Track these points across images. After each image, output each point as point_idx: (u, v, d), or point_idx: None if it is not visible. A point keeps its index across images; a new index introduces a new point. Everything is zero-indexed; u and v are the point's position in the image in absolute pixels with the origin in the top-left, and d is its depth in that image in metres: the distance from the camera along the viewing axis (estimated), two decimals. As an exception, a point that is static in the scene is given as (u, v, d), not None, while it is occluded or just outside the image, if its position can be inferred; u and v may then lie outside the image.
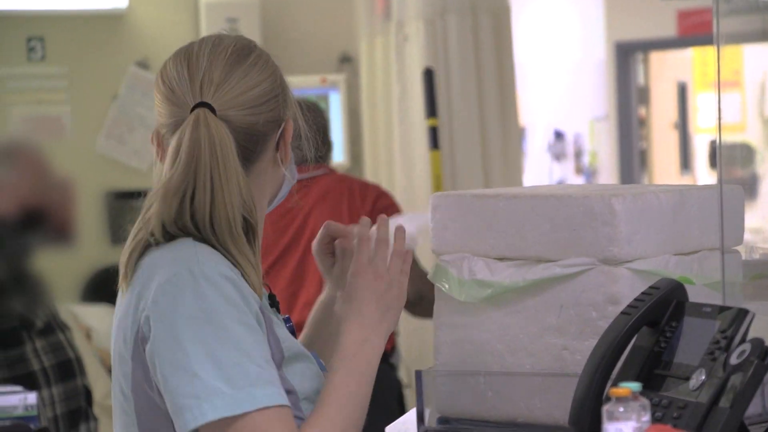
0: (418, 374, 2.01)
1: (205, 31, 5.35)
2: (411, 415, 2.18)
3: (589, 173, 9.29)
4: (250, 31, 5.51)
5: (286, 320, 1.90)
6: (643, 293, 1.81)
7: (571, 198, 1.91)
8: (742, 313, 1.71)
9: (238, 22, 5.56)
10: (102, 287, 5.55)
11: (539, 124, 8.83)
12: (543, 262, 1.94)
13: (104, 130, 5.80)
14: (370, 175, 5.41)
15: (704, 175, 10.46)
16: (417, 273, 4.28)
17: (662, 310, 1.79)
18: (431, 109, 4.91)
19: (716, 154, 2.02)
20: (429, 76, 4.90)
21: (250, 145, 1.81)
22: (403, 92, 5.20)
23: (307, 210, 3.97)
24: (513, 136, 5.27)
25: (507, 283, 1.94)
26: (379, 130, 5.54)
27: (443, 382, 2.00)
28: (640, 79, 9.53)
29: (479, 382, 1.97)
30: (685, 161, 10.30)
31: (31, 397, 3.38)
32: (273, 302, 1.86)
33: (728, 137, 10.65)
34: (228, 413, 1.64)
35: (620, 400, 1.52)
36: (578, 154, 9.33)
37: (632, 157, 9.06)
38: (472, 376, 1.98)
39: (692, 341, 1.75)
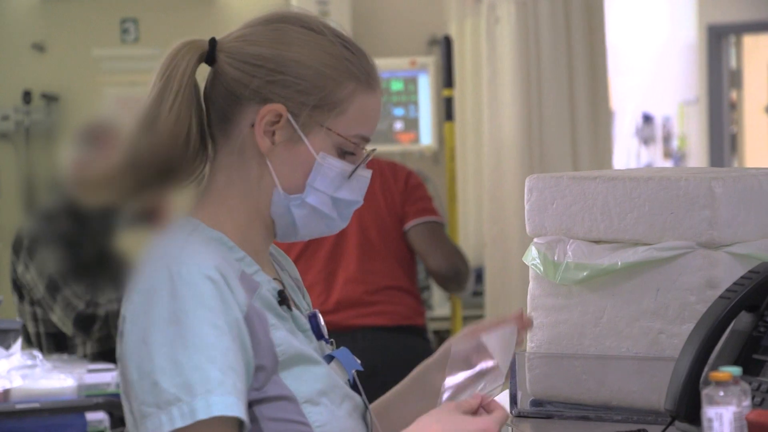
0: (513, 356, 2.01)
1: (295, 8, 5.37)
2: (502, 397, 2.18)
3: (678, 157, 9.20)
4: (341, 13, 5.53)
5: (311, 316, 1.82)
6: (742, 277, 1.78)
7: (671, 181, 1.90)
8: None
9: (328, 5, 5.58)
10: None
11: (628, 108, 8.74)
12: (640, 245, 1.92)
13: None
14: (459, 160, 5.40)
15: (796, 159, 10.30)
16: (452, 248, 4.29)
17: (762, 294, 1.77)
18: (448, 80, 4.89)
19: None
20: (447, 44, 4.87)
21: (226, 105, 1.73)
22: (493, 74, 5.18)
23: None
24: (603, 120, 5.23)
25: (604, 265, 1.93)
26: (467, 113, 5.53)
27: (537, 365, 2.00)
28: (732, 63, 9.40)
29: (574, 365, 1.97)
30: (777, 146, 10.15)
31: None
32: (283, 299, 1.75)
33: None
34: (181, 424, 1.59)
35: (720, 384, 1.51)
36: (667, 138, 9.24)
37: (722, 141, 8.95)
38: (566, 359, 1.97)
39: (793, 326, 1.73)
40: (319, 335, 1.80)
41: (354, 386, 1.81)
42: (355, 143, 1.74)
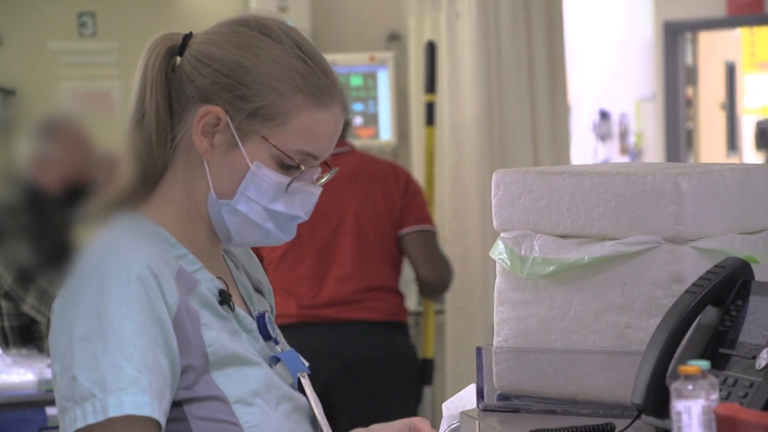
0: (479, 350, 2.01)
1: (254, 9, 5.36)
2: (469, 392, 2.19)
3: (635, 153, 9.25)
4: (300, 8, 5.52)
5: (259, 317, 1.81)
6: (708, 272, 1.80)
7: (637, 176, 1.91)
8: (811, 293, 1.70)
9: (288, 0, 5.57)
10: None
11: (585, 104, 8.78)
12: (607, 239, 1.93)
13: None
14: (416, 154, 5.41)
15: (750, 156, 10.39)
16: (443, 260, 4.37)
17: (728, 288, 1.79)
18: (431, 85, 4.94)
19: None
20: (431, 50, 4.92)
21: (177, 101, 1.73)
22: (454, 69, 5.19)
23: (337, 187, 4.02)
24: (561, 116, 5.26)
25: (571, 260, 1.94)
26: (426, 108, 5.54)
27: (504, 359, 2.00)
28: (688, 59, 9.47)
29: (541, 360, 1.97)
30: (732, 142, 10.24)
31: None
32: (224, 299, 1.75)
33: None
34: (93, 420, 1.60)
35: (689, 378, 1.52)
36: (624, 134, 9.29)
37: (679, 137, 9.01)
38: (533, 353, 1.98)
39: (758, 320, 1.74)
40: (266, 336, 1.80)
41: (300, 388, 1.80)
42: (297, 159, 1.72)
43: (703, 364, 1.53)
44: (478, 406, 2.01)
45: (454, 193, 5.20)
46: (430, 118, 5.03)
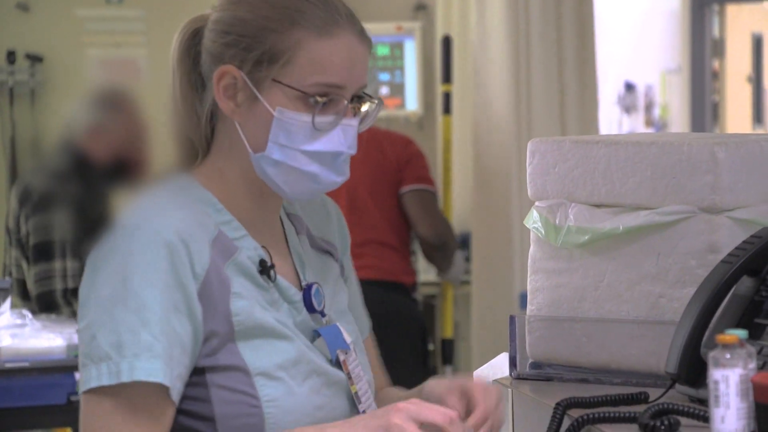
0: (512, 319, 2.02)
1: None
2: (500, 360, 2.19)
3: (660, 126, 9.22)
4: (327, -23, 5.50)
5: (306, 289, 1.80)
6: (744, 242, 1.79)
7: (673, 146, 1.90)
8: None
9: (314, -32, 5.55)
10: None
11: (610, 75, 8.75)
12: (642, 209, 1.93)
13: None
14: (442, 126, 5.41)
15: (776, 129, 10.34)
16: (443, 220, 4.36)
17: (764, 259, 1.78)
18: (446, 75, 4.95)
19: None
20: (447, 44, 4.94)
21: (203, 72, 1.75)
22: (482, 40, 5.18)
23: None
24: (590, 87, 5.24)
25: (605, 229, 1.94)
26: (455, 80, 5.53)
27: (537, 328, 2.00)
28: (715, 31, 9.41)
29: (574, 328, 1.97)
30: (759, 115, 10.18)
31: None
32: (264, 268, 1.75)
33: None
34: (106, 382, 1.62)
35: (727, 347, 1.52)
36: (649, 107, 9.25)
37: (704, 110, 8.95)
38: (566, 322, 1.98)
39: (794, 291, 1.74)
40: (310, 308, 1.79)
41: (337, 364, 1.79)
42: (316, 91, 1.70)
43: (741, 333, 1.53)
44: (510, 374, 2.01)
45: (479, 164, 5.19)
46: (446, 107, 5.05)
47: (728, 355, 1.51)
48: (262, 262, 1.74)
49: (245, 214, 1.76)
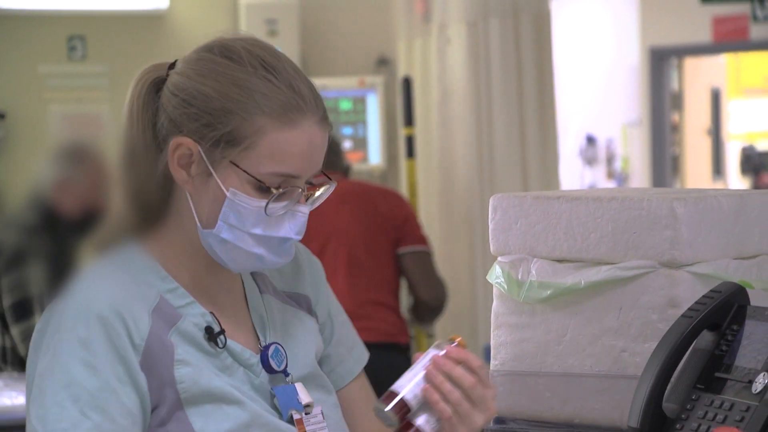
0: (476, 374, 2.02)
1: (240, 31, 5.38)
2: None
3: (621, 178, 9.30)
4: (289, 32, 5.54)
5: (263, 350, 1.77)
6: (704, 296, 1.81)
7: (633, 201, 1.92)
8: (807, 318, 1.72)
9: (277, 24, 5.59)
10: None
11: (571, 129, 8.83)
12: (603, 264, 1.95)
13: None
14: (405, 178, 5.44)
15: (735, 181, 10.44)
16: (440, 282, 4.39)
17: (724, 313, 1.80)
18: (408, 118, 5.00)
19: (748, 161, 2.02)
20: (407, 85, 4.99)
21: (160, 133, 1.71)
22: (444, 94, 5.22)
23: (325, 209, 4.05)
24: (551, 140, 5.29)
25: (567, 284, 1.95)
26: (416, 132, 5.56)
27: (501, 382, 2.01)
28: (674, 85, 9.52)
29: (537, 383, 1.98)
30: (718, 167, 10.29)
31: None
32: (211, 335, 1.72)
33: (759, 144, 10.64)
34: None
35: None
36: (610, 159, 9.34)
37: (664, 162, 9.05)
38: (530, 377, 1.99)
39: (754, 345, 1.75)
40: (269, 369, 1.77)
41: (292, 423, 1.77)
42: (272, 181, 1.69)
43: None
44: (474, 429, 2.02)
45: (443, 218, 5.22)
46: (410, 150, 5.08)
47: None
48: (208, 329, 1.72)
49: (194, 280, 1.75)
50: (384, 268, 4.22)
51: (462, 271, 5.11)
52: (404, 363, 4.17)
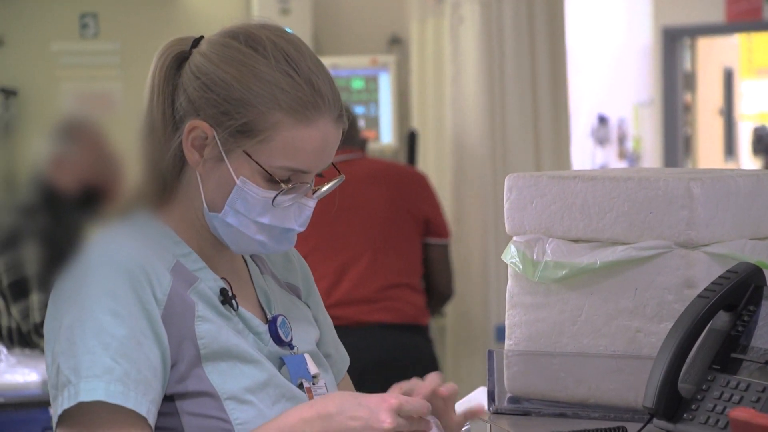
0: (490, 354, 2.02)
1: (256, 12, 5.37)
2: (478, 394, 2.20)
3: (633, 158, 9.27)
4: (302, 12, 5.53)
5: (271, 321, 1.81)
6: (721, 277, 1.81)
7: (650, 181, 1.92)
8: (824, 299, 1.71)
9: (289, 2, 5.57)
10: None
11: (583, 109, 8.80)
12: (619, 244, 1.94)
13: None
14: (420, 160, 5.44)
15: (747, 161, 10.41)
16: (452, 272, 4.41)
17: (740, 293, 1.80)
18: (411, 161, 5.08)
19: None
20: (412, 138, 5.03)
21: (178, 109, 1.73)
22: (457, 74, 5.20)
23: (354, 188, 4.05)
24: (563, 120, 5.28)
25: (583, 264, 1.95)
26: (428, 112, 5.55)
27: (515, 362, 2.01)
28: (687, 65, 9.49)
29: (552, 363, 1.98)
30: (730, 148, 10.26)
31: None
32: (226, 298, 1.76)
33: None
34: (67, 405, 1.62)
35: None
36: (622, 139, 9.31)
37: (676, 142, 9.03)
38: (544, 357, 1.99)
39: (771, 326, 1.75)
40: (277, 340, 1.80)
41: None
42: (282, 175, 1.71)
43: None
44: (488, 408, 2.02)
45: (456, 198, 5.21)
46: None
47: None
48: (222, 291, 1.76)
49: (204, 249, 1.78)
50: (408, 248, 4.24)
51: (474, 251, 5.10)
52: (423, 344, 4.20)
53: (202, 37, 1.76)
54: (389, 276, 4.16)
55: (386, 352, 4.07)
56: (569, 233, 1.99)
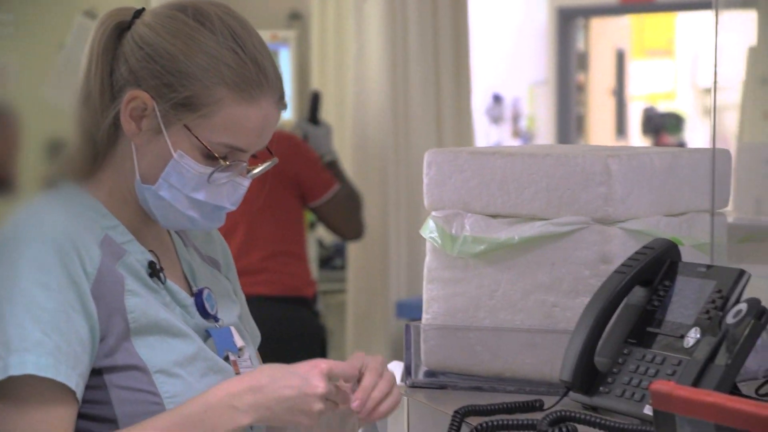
0: (407, 327, 2.03)
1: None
2: (396, 367, 2.21)
3: (527, 137, 9.37)
4: (201, -16, 5.48)
5: (197, 293, 1.81)
6: (637, 252, 1.84)
7: (568, 158, 1.94)
8: (738, 274, 1.75)
9: (188, -25, 5.52)
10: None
11: (478, 87, 8.86)
12: (537, 220, 1.96)
13: (51, 80, 5.74)
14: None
15: (637, 141, 10.59)
16: (356, 209, 4.38)
17: (656, 269, 1.83)
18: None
19: (713, 114, 2.06)
20: (315, 99, 5.00)
21: (115, 80, 1.72)
22: (360, 50, 5.20)
23: None
24: (465, 98, 5.31)
25: (501, 239, 1.97)
26: (329, 88, 5.55)
27: (432, 336, 2.02)
28: (580, 45, 9.61)
29: (468, 337, 2.00)
30: (621, 127, 10.42)
31: None
32: (153, 270, 1.75)
33: (659, 105, 10.79)
34: None
35: None
36: (516, 118, 9.40)
37: (569, 121, 9.14)
38: (461, 331, 2.01)
39: (685, 300, 1.79)
40: (203, 312, 1.81)
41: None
42: (221, 151, 1.71)
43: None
44: (404, 382, 2.03)
45: (357, 175, 5.22)
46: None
47: None
48: (150, 264, 1.75)
49: (132, 222, 1.77)
50: (290, 218, 4.19)
51: (375, 227, 5.11)
52: (308, 317, 4.16)
53: (143, 8, 1.75)
54: (267, 245, 4.11)
55: (268, 326, 4.04)
56: (488, 209, 2.01)
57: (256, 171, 1.78)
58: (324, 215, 4.27)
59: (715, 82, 2.02)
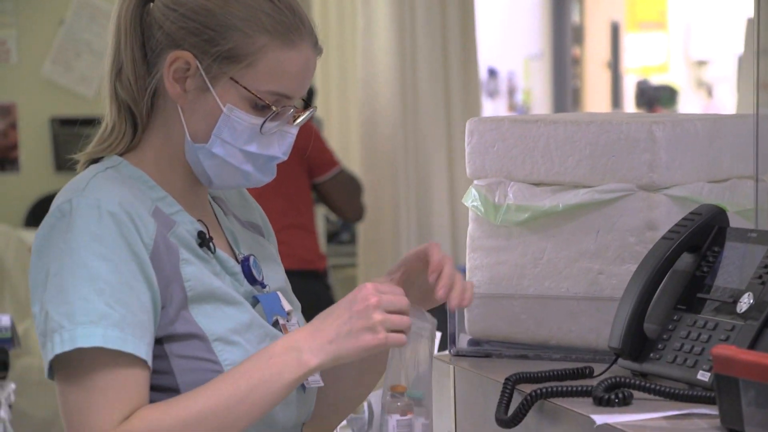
0: (451, 297, 2.03)
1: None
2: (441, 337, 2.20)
3: (522, 111, 9.37)
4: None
5: (244, 260, 1.82)
6: (684, 218, 1.84)
7: (612, 124, 1.94)
8: (791, 238, 1.75)
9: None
10: (44, 214, 5.54)
11: (473, 61, 8.86)
12: (581, 187, 1.96)
13: (51, 55, 5.71)
14: (320, 112, 5.41)
15: (631, 114, 10.58)
16: (357, 192, 4.38)
17: (704, 235, 1.83)
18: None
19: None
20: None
21: (150, 47, 1.72)
22: (368, 24, 5.19)
23: None
24: (472, 72, 5.30)
25: (545, 207, 1.96)
26: (332, 64, 5.53)
27: (476, 305, 2.02)
28: (575, 18, 9.60)
29: (513, 305, 2.00)
30: (616, 100, 10.42)
31: (5, 320, 3.37)
32: (204, 240, 1.76)
33: (653, 78, 10.80)
34: (60, 350, 1.60)
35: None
36: (512, 92, 9.40)
37: (565, 95, 9.14)
38: (506, 299, 2.00)
39: (735, 266, 1.78)
40: (251, 279, 1.81)
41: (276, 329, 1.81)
42: (269, 99, 1.71)
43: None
44: (449, 351, 2.03)
45: (366, 146, 5.21)
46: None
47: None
48: (200, 234, 1.75)
49: (178, 192, 1.77)
50: (298, 192, 4.20)
51: (385, 200, 5.11)
52: (321, 290, 4.17)
53: None
54: (279, 218, 4.12)
55: None
56: (531, 177, 2.00)
57: (302, 118, 1.78)
58: (327, 192, 4.28)
59: (758, 42, 2.01)
